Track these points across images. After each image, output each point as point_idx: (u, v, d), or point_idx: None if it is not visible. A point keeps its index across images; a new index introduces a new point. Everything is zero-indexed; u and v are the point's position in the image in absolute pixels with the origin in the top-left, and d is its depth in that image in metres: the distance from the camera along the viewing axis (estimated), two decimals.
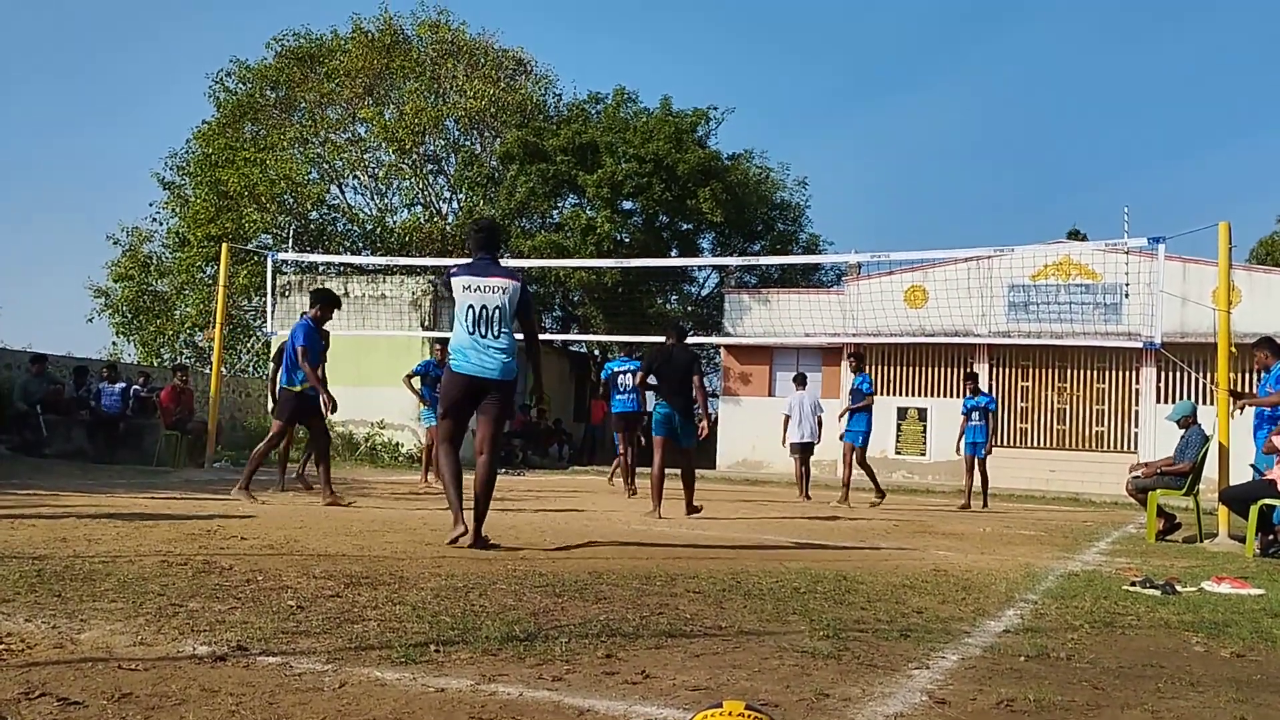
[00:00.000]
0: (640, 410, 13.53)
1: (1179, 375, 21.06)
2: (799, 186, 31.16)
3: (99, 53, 75.27)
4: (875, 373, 23.90)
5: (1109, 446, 22.13)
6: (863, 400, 13.68)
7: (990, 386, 22.37)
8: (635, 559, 6.11)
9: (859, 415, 13.72)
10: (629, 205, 27.18)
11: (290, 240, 21.42)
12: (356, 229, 29.37)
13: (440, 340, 17.29)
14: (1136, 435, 21.85)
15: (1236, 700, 3.26)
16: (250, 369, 28.61)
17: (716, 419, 24.62)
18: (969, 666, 3.59)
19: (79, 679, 2.86)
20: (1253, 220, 64.81)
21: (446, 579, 4.89)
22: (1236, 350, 10.06)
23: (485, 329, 6.35)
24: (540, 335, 8.20)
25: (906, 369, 23.41)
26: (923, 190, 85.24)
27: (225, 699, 2.74)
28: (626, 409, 13.29)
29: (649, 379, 9.94)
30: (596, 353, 29.44)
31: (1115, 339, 20.34)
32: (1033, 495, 18.89)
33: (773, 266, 29.66)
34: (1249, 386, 12.69)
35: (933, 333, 21.55)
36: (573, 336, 26.58)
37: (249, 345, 28.49)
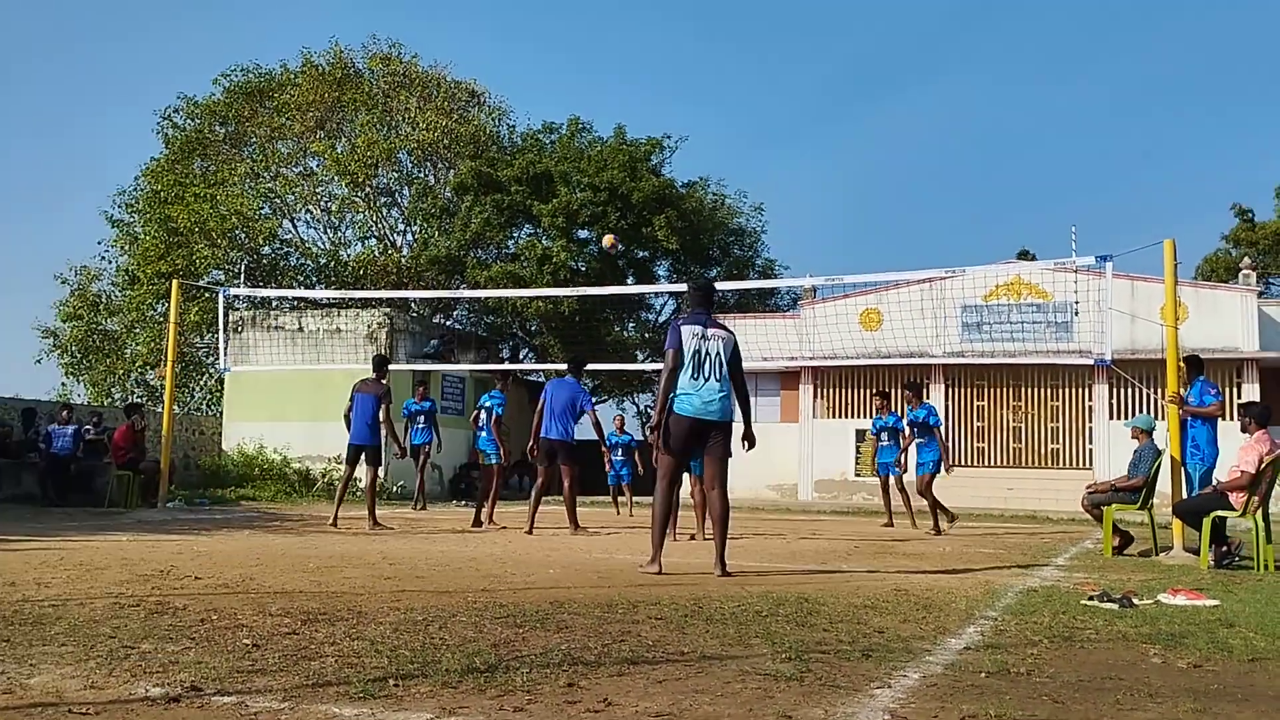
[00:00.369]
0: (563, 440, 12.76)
1: (1130, 391, 21.37)
2: (755, 212, 31.41)
3: (43, 90, 74.52)
4: (833, 395, 24.07)
5: (1064, 463, 22.38)
6: (929, 432, 12.98)
7: (945, 406, 22.56)
8: (597, 587, 6.08)
9: (926, 446, 12.99)
10: (585, 234, 27.23)
11: (242, 276, 21.25)
12: (310, 263, 29.15)
13: (420, 381, 17.36)
14: (1091, 452, 22.11)
15: (1195, 710, 3.29)
16: (203, 407, 28.26)
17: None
18: (931, 684, 3.60)
19: None
20: (1197, 238, 66.06)
21: (406, 613, 4.84)
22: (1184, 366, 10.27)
23: (709, 374, 6.90)
24: (501, 365, 8.61)
25: (863, 391, 23.56)
26: (876, 214, 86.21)
27: None
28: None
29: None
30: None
31: (1067, 357, 20.62)
32: (991, 513, 19.03)
33: (729, 292, 29.76)
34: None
35: (888, 354, 21.73)
36: (530, 366, 26.52)
37: (201, 383, 28.13)
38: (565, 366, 11.58)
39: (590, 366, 15.66)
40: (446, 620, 4.64)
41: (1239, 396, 20.40)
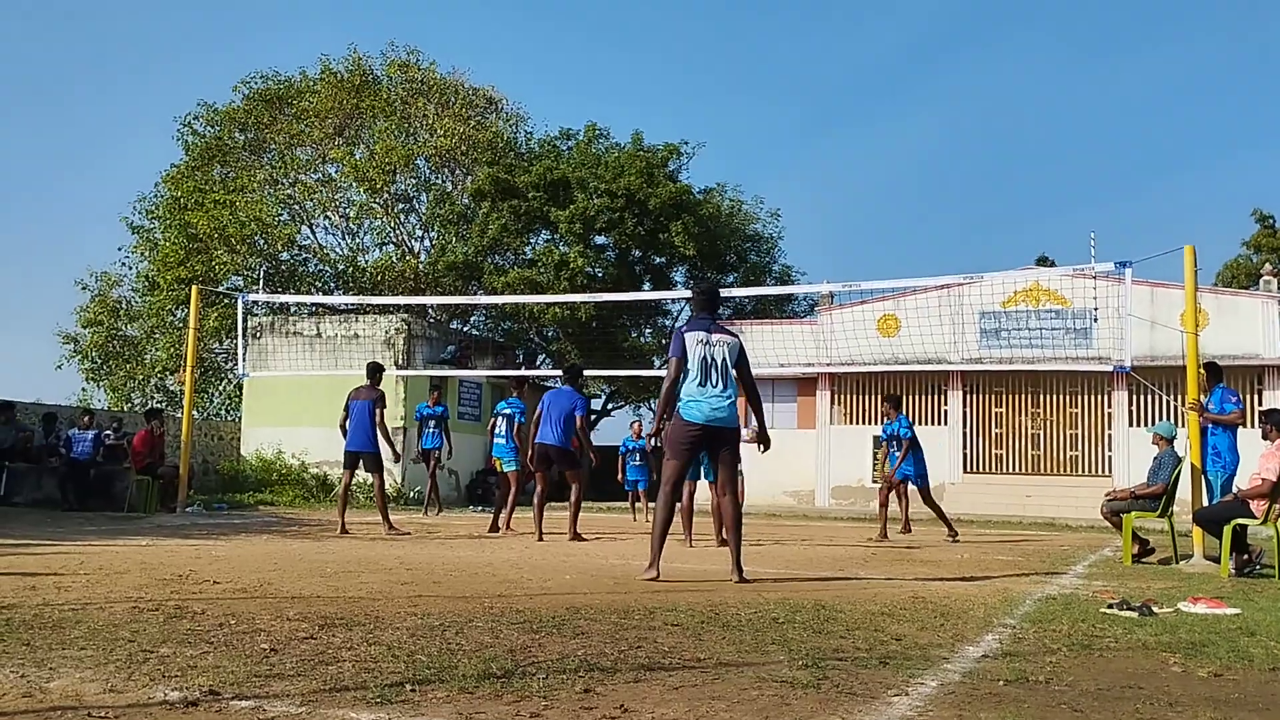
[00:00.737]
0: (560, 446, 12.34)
1: (1150, 398, 21.24)
2: (772, 219, 31.37)
3: (66, 99, 75.15)
4: (850, 401, 24.01)
5: (1083, 470, 22.25)
6: (903, 445, 13.01)
7: (964, 413, 22.50)
8: (613, 593, 6.08)
9: (909, 460, 13.03)
10: (601, 240, 27.26)
11: (261, 282, 21.36)
12: (328, 269, 29.30)
13: (434, 386, 17.33)
14: (1110, 459, 21.98)
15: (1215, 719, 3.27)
16: (222, 412, 28.39)
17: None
18: (948, 692, 3.58)
19: None
20: (1218, 244, 65.76)
21: (423, 618, 4.85)
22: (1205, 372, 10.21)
23: (716, 379, 6.88)
24: (517, 371, 8.67)
25: (882, 396, 23.47)
26: (894, 220, 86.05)
27: None
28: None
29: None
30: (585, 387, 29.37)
31: (1086, 363, 20.52)
32: (1009, 520, 18.94)
33: (746, 298, 29.79)
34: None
35: (906, 361, 21.67)
36: (547, 372, 26.53)
37: (220, 388, 28.27)
38: (561, 375, 11.70)
39: (607, 372, 15.71)
40: (463, 625, 4.64)
41: (1260, 403, 20.26)
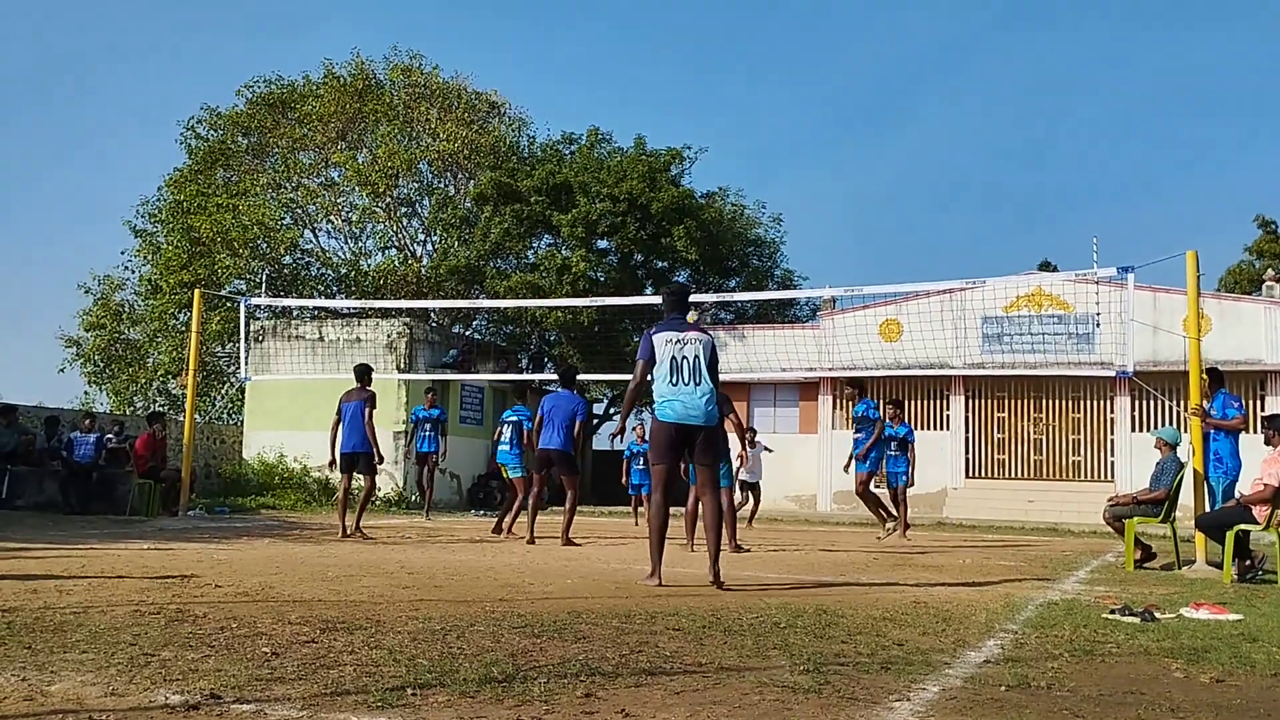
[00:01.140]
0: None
1: (1153, 403, 21.23)
2: (774, 223, 31.35)
3: (68, 101, 75.25)
4: (851, 406, 23.97)
5: (1086, 476, 22.23)
6: (870, 425, 13.24)
7: (966, 418, 22.48)
8: (615, 598, 6.08)
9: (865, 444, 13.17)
10: (604, 244, 27.25)
11: (264, 286, 21.38)
12: (330, 273, 29.31)
13: (429, 388, 17.30)
14: (1113, 464, 21.96)
15: None
16: (224, 416, 28.38)
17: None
18: (950, 697, 3.58)
19: None
20: (1220, 249, 65.66)
21: (424, 622, 4.85)
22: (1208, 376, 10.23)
23: (688, 378, 6.81)
24: (519, 375, 8.59)
25: (883, 402, 23.44)
26: (896, 224, 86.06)
27: None
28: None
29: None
30: (584, 391, 29.39)
31: (1088, 368, 20.50)
32: (1011, 526, 18.93)
33: (748, 303, 29.70)
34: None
35: (908, 365, 21.65)
36: (550, 376, 26.51)
37: (223, 392, 28.28)
38: (558, 379, 11.59)
39: (609, 377, 15.72)
40: (464, 630, 4.64)
41: (1262, 409, 20.23)
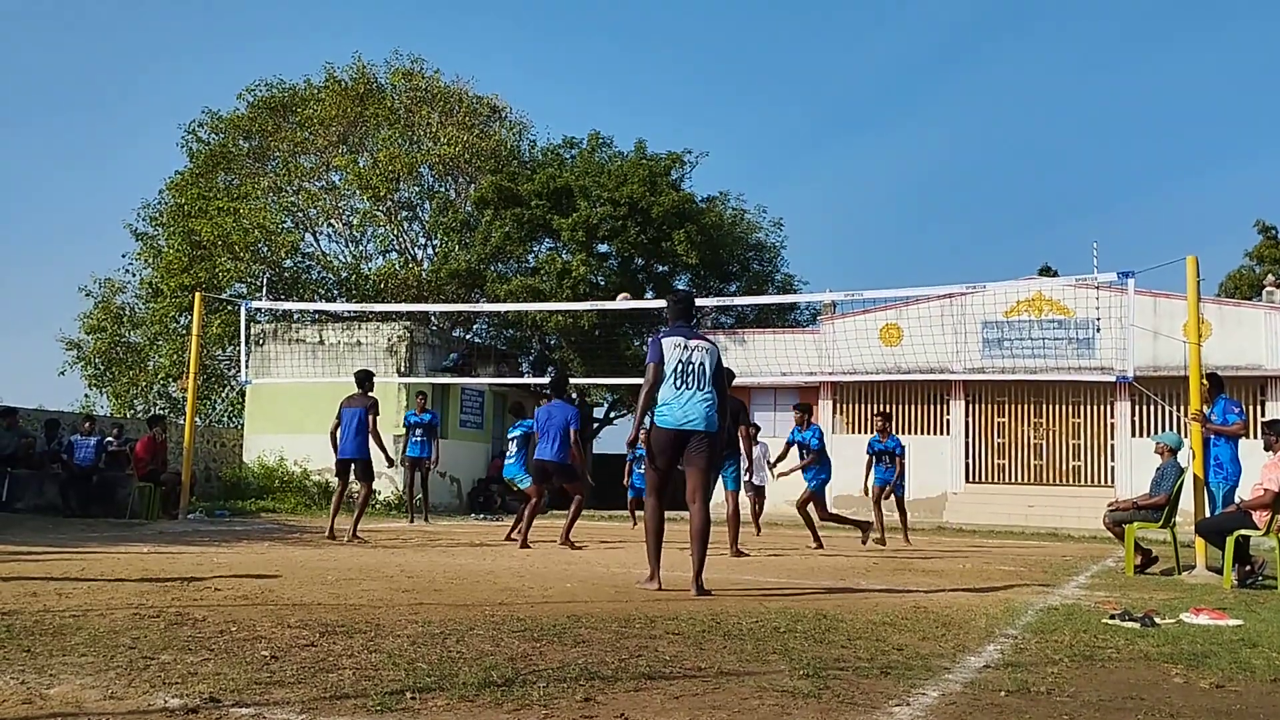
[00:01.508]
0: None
1: (1153, 409, 21.22)
2: (775, 227, 31.36)
3: (70, 104, 75.28)
4: (852, 410, 23.98)
5: (1086, 481, 22.21)
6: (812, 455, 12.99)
7: (966, 422, 22.47)
8: (614, 602, 6.07)
9: (818, 466, 12.98)
10: (604, 248, 27.26)
11: (264, 289, 21.38)
12: (331, 276, 29.32)
13: (419, 391, 17.28)
14: (1113, 469, 21.95)
15: None
16: (225, 419, 28.37)
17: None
18: (950, 703, 3.57)
19: None
20: (1221, 254, 65.71)
21: (423, 626, 4.85)
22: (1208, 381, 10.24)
23: (693, 383, 6.82)
24: (519, 379, 8.55)
25: (882, 406, 23.45)
26: (896, 229, 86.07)
27: None
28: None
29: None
30: (574, 396, 29.35)
31: (1089, 373, 20.49)
32: (1011, 531, 18.91)
33: (748, 307, 29.73)
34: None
35: (908, 370, 21.65)
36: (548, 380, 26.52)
37: (223, 395, 28.28)
38: (548, 387, 11.67)
39: (610, 381, 15.69)
40: (464, 633, 4.64)
41: (1262, 414, 20.22)
